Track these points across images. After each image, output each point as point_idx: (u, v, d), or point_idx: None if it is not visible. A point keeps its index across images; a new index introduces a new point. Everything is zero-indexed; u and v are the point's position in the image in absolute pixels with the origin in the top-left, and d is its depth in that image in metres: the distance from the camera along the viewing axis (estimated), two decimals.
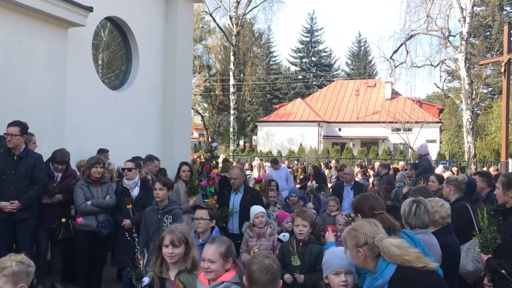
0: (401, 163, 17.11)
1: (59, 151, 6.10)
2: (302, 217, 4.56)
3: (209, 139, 6.67)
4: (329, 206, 7.20)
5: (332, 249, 3.15)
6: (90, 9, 7.46)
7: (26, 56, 6.74)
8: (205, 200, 6.34)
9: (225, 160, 11.43)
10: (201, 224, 4.37)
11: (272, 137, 37.57)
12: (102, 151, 7.38)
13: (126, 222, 5.79)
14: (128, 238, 4.62)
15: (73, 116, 7.67)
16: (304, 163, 23.27)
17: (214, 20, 36.01)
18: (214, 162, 6.60)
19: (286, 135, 36.73)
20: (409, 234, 3.29)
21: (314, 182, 10.68)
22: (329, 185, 14.28)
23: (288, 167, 15.70)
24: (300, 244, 4.51)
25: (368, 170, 16.06)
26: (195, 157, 17.09)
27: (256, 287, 2.70)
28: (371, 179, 12.94)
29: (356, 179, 10.49)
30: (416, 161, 10.87)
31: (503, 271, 3.73)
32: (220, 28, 37.04)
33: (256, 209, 5.49)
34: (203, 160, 8.86)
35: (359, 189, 8.32)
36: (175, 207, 5.15)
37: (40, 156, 5.75)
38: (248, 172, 14.47)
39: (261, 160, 18.80)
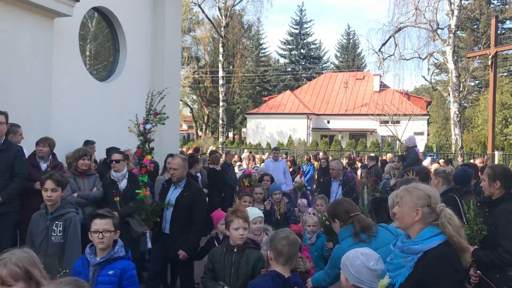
0: (389, 155, 17.21)
1: (40, 138, 6.02)
2: (243, 217, 3.79)
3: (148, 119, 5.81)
4: (317, 205, 6.32)
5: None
6: None
7: (10, 46, 6.61)
8: (136, 190, 5.65)
9: (213, 152, 11.39)
10: (105, 238, 3.38)
11: (262, 129, 37.58)
12: (88, 143, 7.31)
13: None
14: None
15: (59, 108, 7.58)
16: (293, 155, 23.30)
17: (203, 11, 35.77)
18: (148, 146, 5.72)
19: (275, 128, 36.75)
20: (385, 226, 3.36)
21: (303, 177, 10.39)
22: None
23: None
24: (235, 250, 3.75)
25: (356, 162, 16.13)
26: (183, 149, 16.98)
27: (283, 258, 3.04)
28: (359, 171, 13.01)
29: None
30: (404, 153, 10.94)
31: (478, 271, 3.80)
32: (209, 19, 36.79)
33: (253, 213, 4.63)
34: (193, 150, 8.56)
35: (348, 184, 7.70)
36: (68, 210, 4.17)
37: (20, 148, 5.63)
38: (241, 164, 14.30)
39: (250, 152, 18.79)
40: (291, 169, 15.10)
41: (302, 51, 55.20)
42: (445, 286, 2.40)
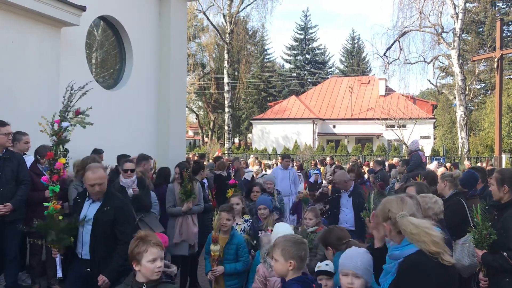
0: (395, 159, 17.17)
1: (42, 147, 6.04)
2: (160, 244, 3.00)
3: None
4: (305, 219, 5.21)
5: (349, 250, 2.99)
6: (83, 8, 7.43)
7: (18, 55, 6.69)
8: (44, 204, 4.66)
9: (219, 158, 11.40)
10: None
11: (267, 134, 37.62)
12: (97, 152, 7.34)
13: None
14: None
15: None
16: (299, 160, 23.27)
17: (208, 18, 35.94)
18: (62, 148, 4.75)
19: (281, 133, 36.79)
20: None
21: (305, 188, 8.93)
22: (324, 182, 14.17)
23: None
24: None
25: (363, 166, 16.08)
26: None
27: (303, 263, 3.04)
28: (365, 176, 12.96)
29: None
30: (408, 157, 10.92)
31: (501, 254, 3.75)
32: (213, 26, 36.97)
33: (282, 230, 3.93)
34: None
35: (359, 195, 6.57)
36: None
37: (21, 155, 5.68)
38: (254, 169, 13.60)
39: (257, 158, 18.81)
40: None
41: (307, 56, 55.30)
42: None
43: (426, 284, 2.41)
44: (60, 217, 4.42)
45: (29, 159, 6.16)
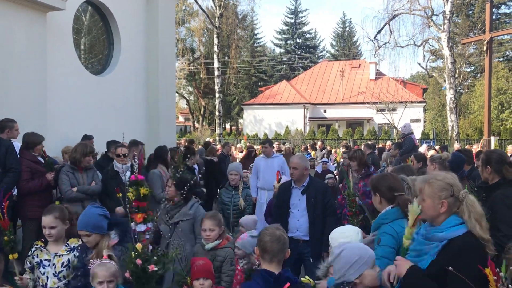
0: (388, 143, 17.24)
1: (31, 135, 5.91)
2: None
3: None
4: (204, 231, 4.03)
5: (350, 247, 2.75)
6: None
7: (4, 42, 6.58)
8: None
9: (209, 143, 11.37)
10: None
11: (259, 120, 37.57)
12: (87, 137, 7.29)
13: (119, 210, 5.66)
14: None
15: (55, 102, 7.56)
16: (290, 145, 23.29)
17: (197, 2, 35.55)
18: None
19: (272, 118, 36.76)
20: None
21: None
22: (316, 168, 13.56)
23: None
24: None
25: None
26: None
27: (268, 255, 2.84)
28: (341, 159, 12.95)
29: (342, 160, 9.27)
30: (400, 141, 10.96)
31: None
32: (203, 10, 36.58)
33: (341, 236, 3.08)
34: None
35: (316, 192, 4.93)
36: None
37: (11, 143, 5.58)
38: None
39: (249, 143, 18.80)
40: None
41: (298, 40, 55.05)
42: (466, 278, 2.27)
43: (483, 264, 2.31)
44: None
45: (16, 145, 6.09)
